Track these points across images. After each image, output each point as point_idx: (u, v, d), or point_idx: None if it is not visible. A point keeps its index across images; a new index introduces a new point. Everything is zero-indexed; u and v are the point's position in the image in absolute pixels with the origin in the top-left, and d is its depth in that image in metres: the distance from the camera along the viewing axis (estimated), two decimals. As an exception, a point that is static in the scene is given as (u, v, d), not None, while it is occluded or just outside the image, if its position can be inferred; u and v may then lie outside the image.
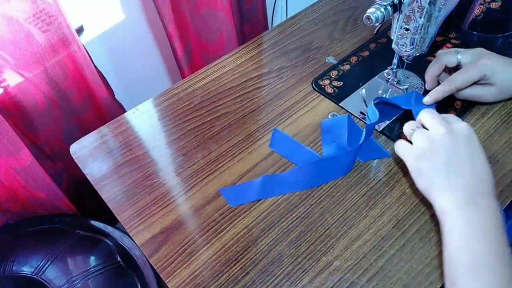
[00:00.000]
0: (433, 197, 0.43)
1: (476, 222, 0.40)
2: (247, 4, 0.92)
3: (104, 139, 0.58)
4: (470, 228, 0.40)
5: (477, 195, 0.41)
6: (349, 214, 0.48)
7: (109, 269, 0.68)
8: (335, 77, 0.64)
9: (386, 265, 0.44)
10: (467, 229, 0.40)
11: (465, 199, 0.41)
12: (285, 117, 0.59)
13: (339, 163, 0.51)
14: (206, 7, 0.82)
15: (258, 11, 0.96)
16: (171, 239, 0.47)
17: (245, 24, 0.96)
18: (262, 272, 0.44)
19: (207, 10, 0.83)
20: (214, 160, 0.54)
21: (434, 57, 0.64)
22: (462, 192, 0.41)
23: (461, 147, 0.43)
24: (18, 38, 0.62)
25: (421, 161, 0.44)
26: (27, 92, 0.69)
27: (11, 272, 0.67)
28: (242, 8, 0.92)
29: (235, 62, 0.68)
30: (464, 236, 0.39)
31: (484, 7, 0.65)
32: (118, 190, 0.52)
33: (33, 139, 0.78)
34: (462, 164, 0.43)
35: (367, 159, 0.53)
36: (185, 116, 0.60)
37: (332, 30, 0.72)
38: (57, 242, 0.71)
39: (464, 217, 0.40)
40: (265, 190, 0.50)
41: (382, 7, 0.48)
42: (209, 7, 0.82)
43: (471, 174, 0.42)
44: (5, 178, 0.72)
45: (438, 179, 0.43)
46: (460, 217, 0.40)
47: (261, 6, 0.96)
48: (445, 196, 0.42)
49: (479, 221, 0.40)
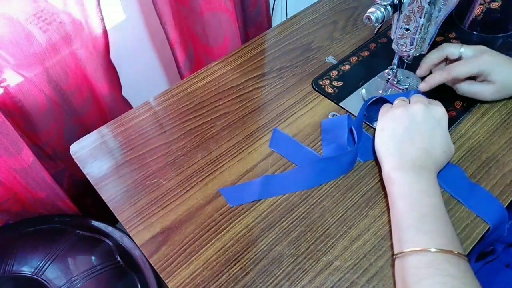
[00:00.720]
0: (384, 159, 0.47)
1: (419, 188, 0.43)
2: (251, 6, 0.92)
3: (104, 139, 0.58)
4: (414, 191, 0.43)
5: (422, 167, 0.44)
6: (349, 214, 0.48)
7: (109, 269, 0.68)
8: (335, 77, 0.64)
9: (386, 265, 0.44)
10: (412, 192, 0.43)
11: (409, 167, 0.44)
12: (285, 117, 0.59)
13: (340, 163, 0.51)
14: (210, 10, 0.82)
15: (262, 13, 0.96)
16: (171, 239, 0.47)
17: (249, 26, 0.96)
18: (262, 272, 0.44)
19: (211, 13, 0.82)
20: (214, 160, 0.54)
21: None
22: (409, 162, 0.45)
23: (427, 124, 0.47)
24: (19, 38, 0.62)
25: (387, 122, 0.49)
26: (27, 92, 0.69)
27: (11, 272, 0.67)
28: (247, 10, 0.92)
29: (235, 62, 0.68)
30: (409, 199, 0.42)
31: (484, 7, 0.65)
32: (118, 190, 0.52)
33: (34, 139, 0.78)
34: (420, 137, 0.46)
35: (367, 159, 0.53)
36: (185, 116, 0.60)
37: (332, 30, 0.72)
38: (57, 242, 0.71)
39: (408, 181, 0.43)
40: (265, 190, 0.50)
41: (382, 7, 0.48)
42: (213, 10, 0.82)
43: (424, 149, 0.45)
44: (5, 179, 0.72)
45: (392, 143, 0.47)
46: (404, 181, 0.44)
47: (265, 8, 0.95)
48: (393, 160, 0.46)
49: (422, 187, 0.43)
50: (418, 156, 0.45)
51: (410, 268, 0.38)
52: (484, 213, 0.46)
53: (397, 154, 0.46)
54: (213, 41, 0.88)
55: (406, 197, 0.43)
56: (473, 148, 0.53)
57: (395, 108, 0.49)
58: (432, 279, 0.36)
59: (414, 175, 0.44)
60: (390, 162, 0.46)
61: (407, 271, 0.38)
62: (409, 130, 0.47)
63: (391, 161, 0.46)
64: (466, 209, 0.47)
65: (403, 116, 0.48)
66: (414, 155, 0.45)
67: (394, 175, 0.45)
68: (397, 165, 0.45)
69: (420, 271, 0.37)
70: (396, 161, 0.46)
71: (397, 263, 0.41)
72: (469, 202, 0.47)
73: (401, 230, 0.41)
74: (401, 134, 0.47)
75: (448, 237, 0.39)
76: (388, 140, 0.48)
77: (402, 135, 0.47)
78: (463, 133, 0.55)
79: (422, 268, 0.37)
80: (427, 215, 0.41)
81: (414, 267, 0.38)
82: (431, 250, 0.38)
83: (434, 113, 0.48)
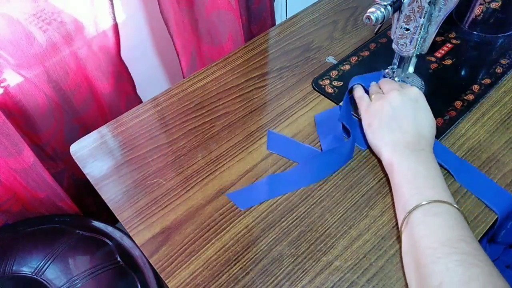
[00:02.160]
0: (380, 150, 0.49)
1: (420, 171, 0.44)
2: (255, 3, 0.91)
3: (104, 139, 0.58)
4: (417, 176, 0.44)
5: (416, 149, 0.46)
6: (349, 214, 0.48)
7: (109, 269, 0.68)
8: (335, 77, 0.64)
9: (386, 265, 0.44)
10: (415, 177, 0.44)
11: (407, 153, 0.46)
12: (285, 117, 0.59)
13: (340, 153, 0.52)
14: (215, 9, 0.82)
15: (266, 10, 0.95)
16: (171, 239, 0.47)
17: (253, 24, 0.96)
18: (262, 272, 0.44)
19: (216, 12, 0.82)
20: (214, 160, 0.54)
21: (434, 57, 0.65)
22: (404, 147, 0.47)
23: (408, 107, 0.49)
24: (19, 38, 0.62)
25: (372, 117, 0.51)
26: (28, 92, 0.69)
27: (11, 272, 0.67)
28: (251, 7, 0.91)
29: (235, 62, 0.68)
30: (413, 184, 0.44)
31: (484, 7, 0.65)
32: (118, 190, 0.52)
33: (34, 139, 0.78)
34: (406, 121, 0.48)
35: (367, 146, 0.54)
36: (185, 116, 0.60)
37: (332, 30, 0.72)
38: (57, 242, 0.71)
39: (408, 166, 0.45)
40: (272, 190, 0.50)
41: (382, 7, 0.48)
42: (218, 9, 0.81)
43: (411, 131, 0.48)
44: (5, 179, 0.72)
45: (383, 134, 0.49)
46: (404, 167, 0.45)
47: (269, 5, 0.95)
48: (390, 150, 0.48)
49: (422, 170, 0.44)
50: (410, 140, 0.47)
51: (425, 249, 0.39)
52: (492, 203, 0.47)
53: (392, 143, 0.48)
54: (217, 40, 0.87)
55: (410, 182, 0.44)
56: (473, 148, 0.53)
57: (374, 102, 0.52)
58: (449, 257, 0.37)
59: (413, 159, 0.46)
60: (388, 152, 0.48)
61: (422, 252, 0.39)
62: (393, 118, 0.49)
63: (389, 151, 0.48)
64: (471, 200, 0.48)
65: (383, 107, 0.50)
66: (407, 140, 0.47)
67: (394, 162, 0.47)
68: (395, 153, 0.47)
69: (436, 251, 0.38)
70: (392, 149, 0.48)
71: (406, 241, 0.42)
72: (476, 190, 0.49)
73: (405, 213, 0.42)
74: (388, 124, 0.49)
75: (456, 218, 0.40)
76: (378, 133, 0.50)
77: (390, 125, 0.49)
78: (463, 133, 0.55)
79: (438, 248, 0.38)
80: (430, 195, 0.42)
81: (430, 247, 0.38)
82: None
83: (410, 94, 0.50)
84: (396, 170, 0.46)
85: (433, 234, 0.39)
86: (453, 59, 0.64)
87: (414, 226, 0.41)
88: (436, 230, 0.39)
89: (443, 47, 0.66)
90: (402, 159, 0.46)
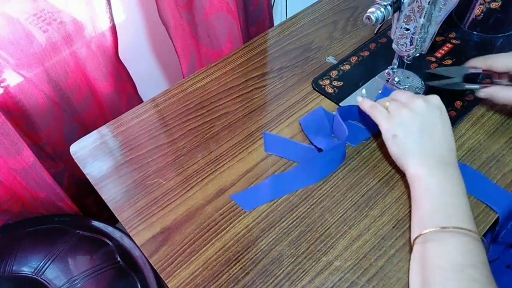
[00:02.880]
0: (406, 163, 0.46)
1: (447, 188, 0.43)
2: (253, 5, 0.91)
3: (104, 139, 0.58)
4: (442, 193, 0.43)
5: (446, 163, 0.45)
6: (349, 214, 0.48)
7: (109, 269, 0.68)
8: (335, 77, 0.64)
9: (386, 265, 0.44)
10: (440, 193, 0.43)
11: (436, 166, 0.44)
12: (285, 117, 0.59)
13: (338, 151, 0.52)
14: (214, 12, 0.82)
15: (264, 11, 0.95)
16: (171, 239, 0.47)
17: (251, 25, 0.96)
18: (262, 272, 0.44)
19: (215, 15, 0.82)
20: (214, 160, 0.54)
21: (434, 57, 0.65)
22: (435, 160, 0.45)
23: (435, 117, 0.47)
24: (19, 38, 0.62)
25: (397, 128, 0.47)
26: (27, 92, 0.69)
27: (11, 272, 0.67)
28: (249, 9, 0.91)
29: (235, 62, 0.68)
30: (437, 200, 0.42)
31: (484, 7, 0.65)
32: (118, 190, 0.52)
33: (34, 139, 0.78)
34: (435, 132, 0.46)
35: (357, 142, 0.54)
36: (185, 116, 0.60)
37: (332, 30, 0.72)
38: (57, 242, 0.71)
39: (437, 181, 0.43)
40: (276, 190, 0.50)
41: (382, 7, 0.48)
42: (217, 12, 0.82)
43: (442, 143, 0.46)
44: (5, 179, 0.72)
45: (412, 146, 0.46)
46: (432, 182, 0.43)
47: (267, 6, 0.95)
48: (419, 163, 0.45)
49: (449, 186, 0.43)
50: (441, 153, 0.45)
51: (435, 267, 0.38)
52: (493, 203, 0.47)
53: (420, 156, 0.45)
54: (216, 43, 0.87)
55: (434, 199, 0.43)
56: (473, 148, 0.53)
57: (396, 111, 0.48)
58: (458, 282, 0.37)
59: (441, 174, 0.44)
60: (415, 165, 0.45)
61: (431, 270, 0.39)
62: (423, 128, 0.46)
63: (416, 164, 0.45)
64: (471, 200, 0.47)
65: (412, 117, 0.47)
66: (438, 153, 0.45)
67: (422, 176, 0.44)
68: (423, 167, 0.45)
69: (446, 273, 0.37)
70: (420, 162, 0.45)
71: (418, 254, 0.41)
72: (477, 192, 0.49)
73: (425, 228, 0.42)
74: (419, 135, 0.46)
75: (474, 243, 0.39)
76: (407, 144, 0.46)
77: (421, 135, 0.46)
78: (463, 133, 0.55)
79: (448, 270, 0.38)
80: (453, 216, 0.41)
81: (441, 267, 0.38)
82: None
83: (434, 102, 0.48)
84: (423, 184, 0.44)
85: (446, 255, 0.39)
86: (453, 59, 0.64)
87: (428, 241, 0.41)
88: (450, 251, 0.39)
89: (443, 47, 0.66)
90: (430, 173, 0.44)
